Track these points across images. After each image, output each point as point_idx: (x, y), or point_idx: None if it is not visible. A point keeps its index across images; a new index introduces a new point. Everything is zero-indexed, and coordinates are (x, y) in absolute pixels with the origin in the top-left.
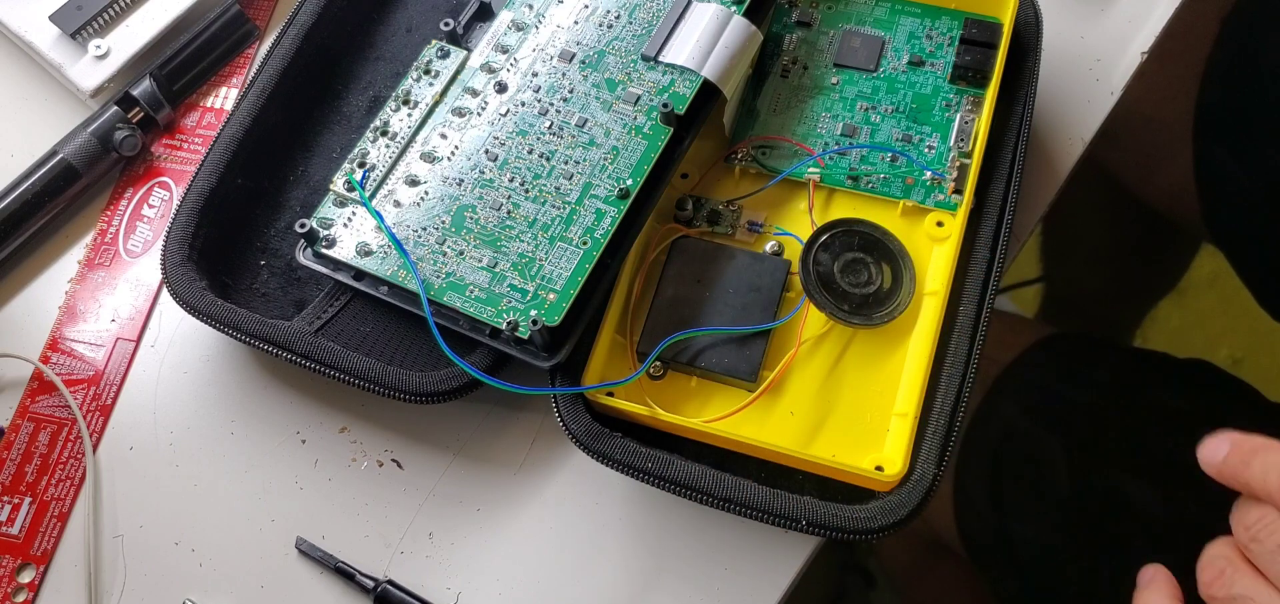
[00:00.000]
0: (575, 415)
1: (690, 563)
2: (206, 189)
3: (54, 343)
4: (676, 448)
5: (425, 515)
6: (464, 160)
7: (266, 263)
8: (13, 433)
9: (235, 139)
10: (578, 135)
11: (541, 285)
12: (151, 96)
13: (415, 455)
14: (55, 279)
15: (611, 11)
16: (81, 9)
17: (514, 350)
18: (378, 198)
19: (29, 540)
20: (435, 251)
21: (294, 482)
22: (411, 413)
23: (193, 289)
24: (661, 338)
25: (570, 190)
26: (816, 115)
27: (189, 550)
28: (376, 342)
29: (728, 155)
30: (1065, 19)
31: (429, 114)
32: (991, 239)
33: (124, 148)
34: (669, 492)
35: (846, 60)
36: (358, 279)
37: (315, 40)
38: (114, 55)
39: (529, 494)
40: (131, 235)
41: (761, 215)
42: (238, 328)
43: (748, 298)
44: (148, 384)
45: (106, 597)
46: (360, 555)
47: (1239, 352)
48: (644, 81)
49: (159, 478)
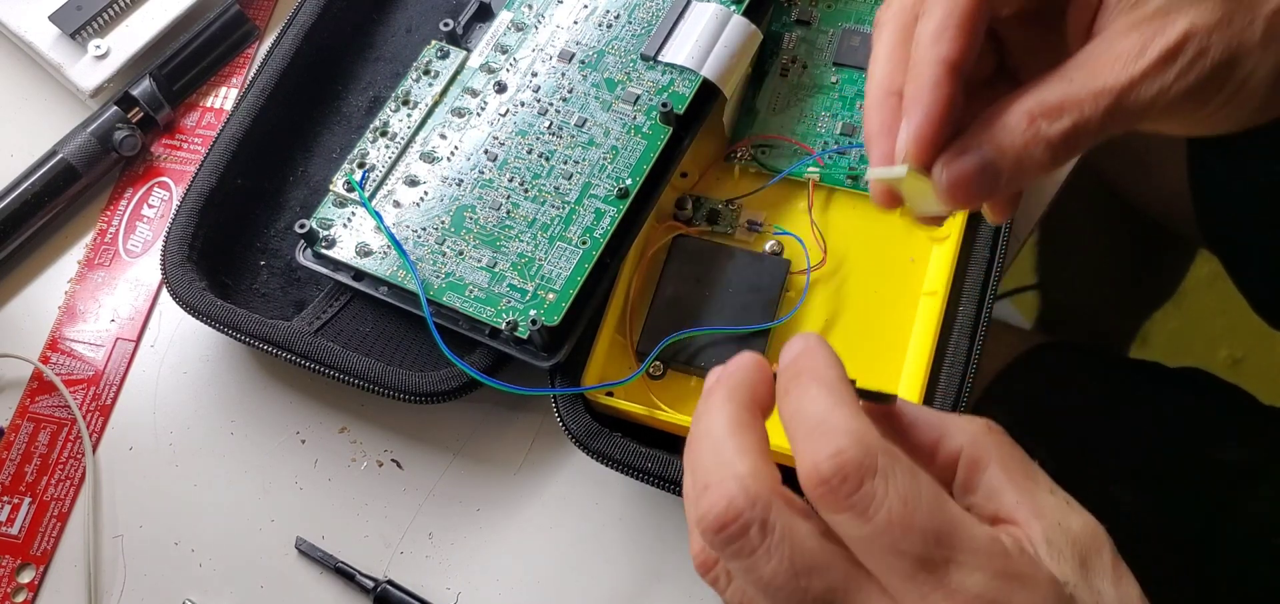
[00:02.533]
0: (575, 415)
1: (690, 563)
2: (206, 189)
3: (54, 343)
4: (676, 448)
5: (425, 515)
6: (463, 160)
7: (266, 263)
8: (12, 433)
9: (235, 139)
10: (577, 135)
11: (541, 285)
12: (151, 96)
13: (415, 455)
14: (55, 279)
15: (611, 11)
16: (81, 9)
17: (513, 350)
18: (377, 198)
19: (29, 540)
20: (435, 252)
21: (294, 482)
22: (411, 413)
23: (192, 289)
24: (661, 337)
25: (570, 190)
26: (816, 114)
27: (189, 550)
28: (376, 342)
29: (727, 154)
30: None
31: (429, 114)
32: (991, 239)
33: (124, 148)
34: (669, 492)
35: (846, 59)
36: (357, 279)
37: (315, 40)
38: (114, 55)
39: (529, 494)
40: (131, 235)
41: (761, 215)
42: (237, 328)
43: (747, 297)
44: (147, 384)
45: (106, 597)
46: (360, 555)
47: (1239, 352)
48: (643, 81)
49: (159, 478)
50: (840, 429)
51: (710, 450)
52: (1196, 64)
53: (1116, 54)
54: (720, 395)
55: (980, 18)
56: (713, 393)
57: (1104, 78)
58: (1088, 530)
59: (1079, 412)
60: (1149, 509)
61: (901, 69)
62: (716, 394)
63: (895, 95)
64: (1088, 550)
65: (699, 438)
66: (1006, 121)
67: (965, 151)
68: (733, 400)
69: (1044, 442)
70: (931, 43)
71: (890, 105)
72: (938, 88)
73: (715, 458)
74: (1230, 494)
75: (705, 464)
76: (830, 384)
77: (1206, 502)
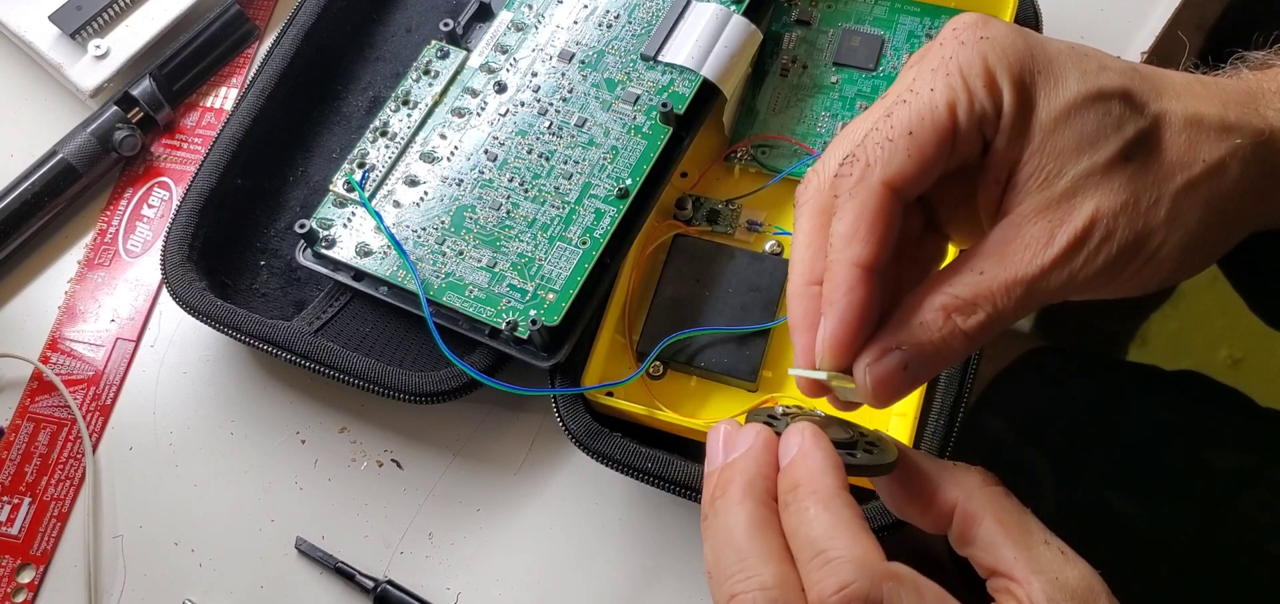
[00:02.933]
0: (575, 415)
1: (690, 563)
2: (206, 189)
3: (54, 343)
4: (676, 448)
5: (425, 515)
6: (463, 160)
7: (266, 263)
8: (12, 433)
9: (235, 139)
10: (577, 135)
11: (541, 285)
12: (151, 96)
13: (415, 455)
14: (55, 279)
15: (611, 11)
16: (81, 9)
17: (513, 350)
18: (377, 198)
19: (29, 540)
20: (434, 252)
21: (294, 482)
22: (411, 413)
23: (192, 289)
24: (661, 337)
25: (570, 190)
26: (816, 114)
27: (189, 550)
28: (376, 342)
29: (727, 154)
30: (1065, 19)
31: (429, 114)
32: None
33: (124, 148)
34: (669, 492)
35: (846, 59)
36: (357, 279)
37: (315, 40)
38: (114, 55)
39: (529, 494)
40: (131, 235)
41: (761, 214)
42: (237, 328)
43: (747, 297)
44: (147, 384)
45: (106, 597)
46: (360, 555)
47: (1239, 352)
48: (643, 81)
49: (159, 478)
50: (844, 559)
51: (733, 558)
52: (1103, 247)
53: (1026, 242)
54: (737, 492)
55: (891, 217)
56: (729, 489)
57: (1014, 268)
58: (1084, 582)
59: (1075, 416)
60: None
61: (820, 257)
62: (733, 491)
63: (815, 284)
64: (1085, 600)
65: (720, 539)
66: (923, 319)
67: (886, 353)
68: (750, 497)
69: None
70: (844, 244)
71: (810, 295)
72: (852, 292)
73: (739, 566)
74: (1225, 499)
75: (728, 570)
76: (828, 500)
77: (1201, 506)
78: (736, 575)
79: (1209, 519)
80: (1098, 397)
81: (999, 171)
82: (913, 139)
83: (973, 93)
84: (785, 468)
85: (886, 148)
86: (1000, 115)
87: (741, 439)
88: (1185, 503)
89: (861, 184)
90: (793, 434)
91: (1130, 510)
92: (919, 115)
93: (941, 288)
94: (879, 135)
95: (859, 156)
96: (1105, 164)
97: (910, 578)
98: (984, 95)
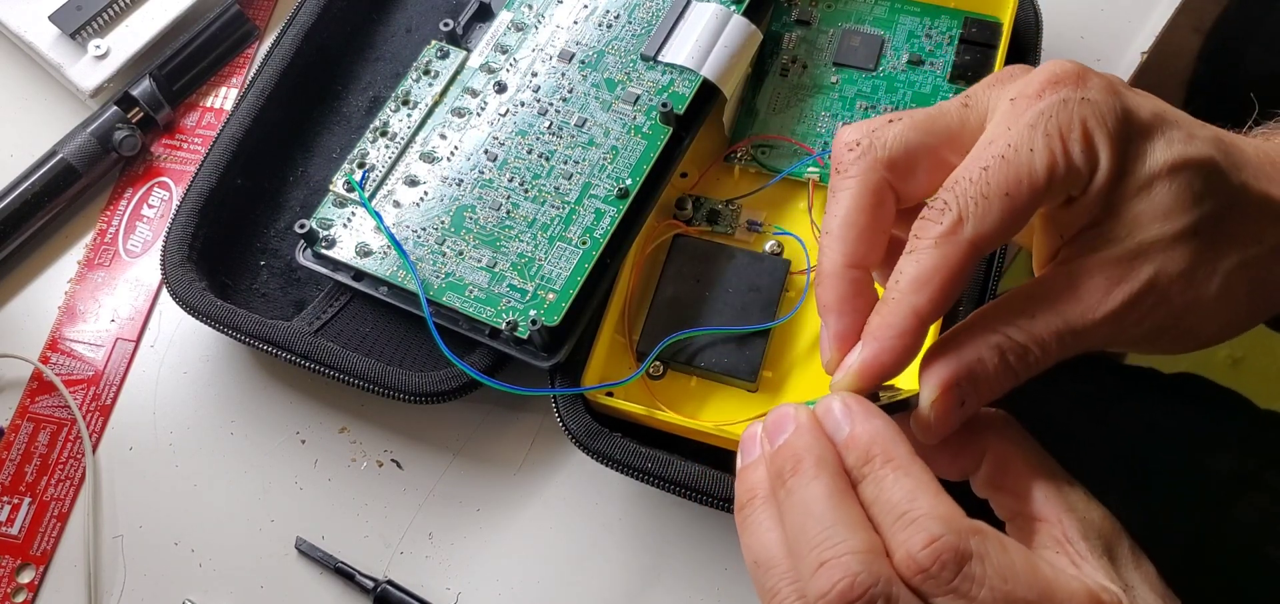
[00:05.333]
0: (575, 415)
1: (690, 563)
2: (206, 189)
3: (54, 343)
4: (676, 448)
5: (425, 515)
6: (463, 160)
7: (266, 263)
8: (12, 433)
9: (235, 139)
10: (577, 135)
11: (541, 285)
12: (151, 96)
13: (415, 455)
14: (55, 279)
15: (611, 11)
16: (81, 9)
17: (513, 350)
18: (377, 198)
19: (29, 540)
20: (434, 252)
21: (294, 482)
22: (411, 413)
23: (192, 289)
24: (661, 337)
25: (569, 190)
26: (816, 114)
27: (189, 550)
28: (376, 342)
29: (727, 154)
30: (1065, 19)
31: (429, 114)
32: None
33: (124, 148)
34: (669, 492)
35: (846, 59)
36: (357, 279)
37: (315, 40)
38: (114, 55)
39: (529, 494)
40: (131, 235)
41: (761, 214)
42: (237, 328)
43: (747, 297)
44: (147, 384)
45: (106, 597)
46: (360, 555)
47: (1239, 352)
48: (643, 81)
49: (159, 478)
50: (929, 515)
51: (817, 528)
52: (1155, 311)
53: (1082, 294)
54: (811, 466)
55: (967, 275)
56: (801, 466)
57: (1068, 318)
58: (1107, 521)
59: (1073, 418)
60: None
61: (865, 239)
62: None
63: (856, 268)
64: (1111, 541)
65: (798, 514)
66: (981, 356)
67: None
68: (825, 469)
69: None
70: (912, 289)
71: (849, 279)
72: (903, 337)
73: (825, 534)
74: (1222, 502)
75: (814, 541)
76: (906, 465)
77: (1198, 510)
78: (823, 544)
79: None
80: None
81: (1068, 228)
82: (1009, 201)
83: (1072, 158)
84: (848, 441)
85: (981, 205)
86: (1092, 179)
87: (785, 422)
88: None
89: (951, 238)
90: (835, 404)
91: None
92: (1018, 179)
93: (998, 327)
94: (974, 190)
95: (951, 205)
96: (1175, 234)
97: (993, 533)
98: (1082, 161)
